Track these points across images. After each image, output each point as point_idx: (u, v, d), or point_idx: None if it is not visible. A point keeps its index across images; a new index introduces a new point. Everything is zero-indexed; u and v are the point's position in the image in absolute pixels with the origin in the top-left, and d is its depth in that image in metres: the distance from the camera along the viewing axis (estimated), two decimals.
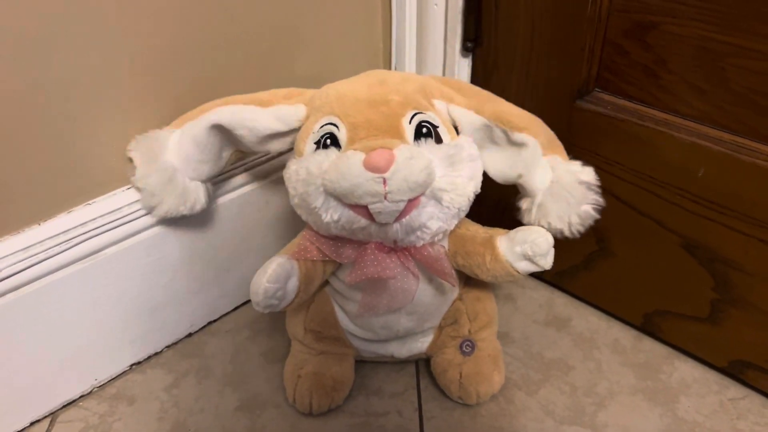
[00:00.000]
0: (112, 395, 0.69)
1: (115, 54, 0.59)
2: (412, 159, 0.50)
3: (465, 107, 0.58)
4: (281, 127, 0.59)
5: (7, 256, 0.59)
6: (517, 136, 0.57)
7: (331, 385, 0.65)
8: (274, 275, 0.55)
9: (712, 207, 0.62)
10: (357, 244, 0.57)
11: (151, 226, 0.66)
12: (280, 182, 0.75)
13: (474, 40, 0.74)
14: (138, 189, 0.63)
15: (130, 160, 0.63)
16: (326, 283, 0.65)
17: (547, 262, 0.58)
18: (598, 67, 0.66)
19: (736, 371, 0.68)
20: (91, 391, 0.69)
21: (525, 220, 0.60)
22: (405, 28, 0.79)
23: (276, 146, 0.62)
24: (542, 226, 0.58)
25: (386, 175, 0.49)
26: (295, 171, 0.55)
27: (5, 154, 0.56)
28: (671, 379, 0.70)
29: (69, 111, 0.58)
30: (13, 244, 0.59)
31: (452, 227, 0.58)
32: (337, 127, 0.55)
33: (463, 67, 0.77)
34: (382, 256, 0.56)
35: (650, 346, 0.74)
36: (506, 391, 0.68)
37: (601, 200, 0.58)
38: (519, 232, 0.58)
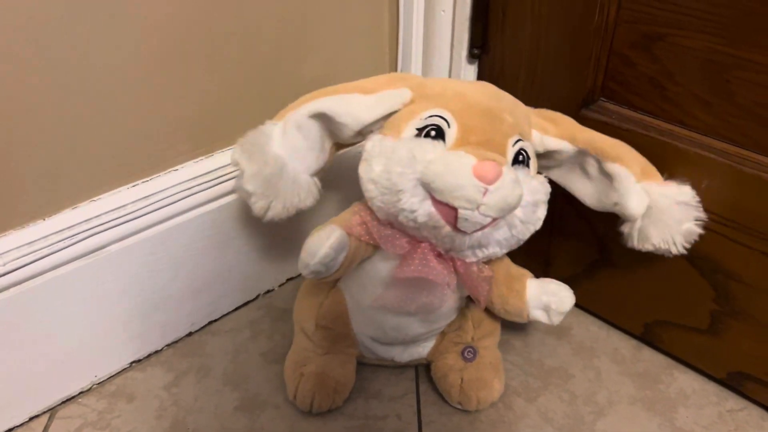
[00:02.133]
0: (112, 392, 0.69)
1: (123, 52, 0.59)
2: (515, 182, 0.51)
3: (558, 137, 0.60)
4: (384, 111, 0.58)
5: (10, 250, 0.59)
6: (610, 167, 0.59)
7: (333, 386, 0.65)
8: (337, 242, 0.55)
9: (715, 219, 0.62)
10: (410, 239, 0.57)
11: (156, 223, 0.67)
12: None
13: (481, 47, 0.74)
14: (247, 192, 0.58)
15: (236, 163, 0.59)
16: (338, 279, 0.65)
17: (559, 320, 0.62)
18: (603, 77, 0.67)
19: (735, 383, 0.69)
20: (90, 388, 0.69)
21: (628, 244, 0.62)
22: (411, 34, 0.79)
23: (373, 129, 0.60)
24: (646, 248, 0.61)
25: (490, 188, 0.49)
26: (391, 148, 0.54)
27: (10, 149, 0.56)
28: (670, 389, 0.70)
29: (75, 107, 0.59)
30: (17, 239, 0.59)
31: (501, 255, 0.59)
32: (447, 122, 0.55)
33: (469, 74, 0.77)
34: (432, 260, 0.56)
35: (650, 356, 0.74)
36: (506, 397, 0.68)
37: (703, 215, 0.60)
38: (551, 284, 0.62)
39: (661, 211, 0.59)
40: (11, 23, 0.52)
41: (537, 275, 0.65)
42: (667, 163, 0.63)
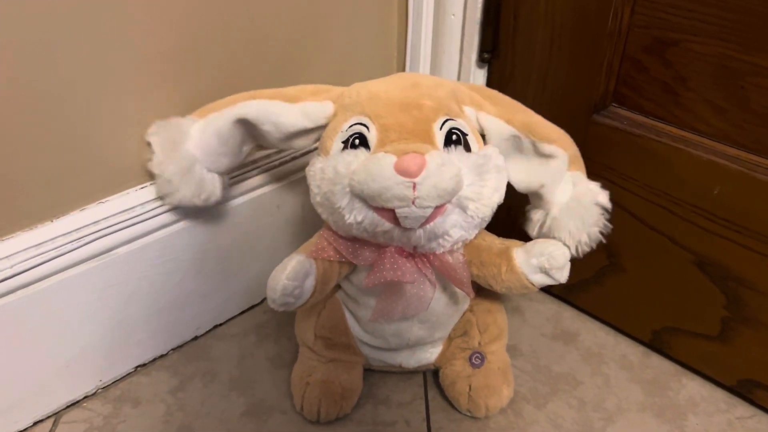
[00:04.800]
0: (117, 397, 0.68)
1: (133, 53, 0.59)
2: (443, 166, 0.49)
3: (495, 116, 0.58)
4: (307, 124, 0.58)
5: (18, 252, 0.58)
6: (547, 148, 0.56)
7: (340, 393, 0.65)
8: (293, 272, 0.55)
9: (727, 225, 0.62)
10: (375, 247, 0.57)
11: (164, 226, 0.66)
12: (293, 186, 0.75)
13: (491, 51, 0.74)
14: (154, 174, 0.62)
15: (149, 144, 0.62)
16: (338, 288, 0.65)
17: (563, 275, 0.58)
18: (615, 82, 0.66)
19: (744, 390, 0.68)
20: (95, 392, 0.69)
21: (531, 231, 0.60)
22: (420, 37, 0.78)
23: (300, 143, 0.61)
24: (553, 238, 0.59)
25: (416, 180, 0.48)
26: (320, 169, 0.54)
27: (19, 149, 0.56)
28: (679, 396, 0.69)
29: (84, 108, 0.58)
30: (25, 241, 0.59)
31: (473, 237, 0.58)
32: (367, 127, 0.54)
33: (479, 78, 0.77)
34: (401, 260, 0.56)
35: (658, 362, 0.74)
36: (514, 404, 0.68)
37: (609, 225, 0.59)
38: (536, 245, 0.58)
39: (582, 205, 0.57)
40: (17, 23, 0.51)
41: None
42: (679, 169, 0.63)
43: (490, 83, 0.76)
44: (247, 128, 0.61)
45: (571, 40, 0.66)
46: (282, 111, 0.59)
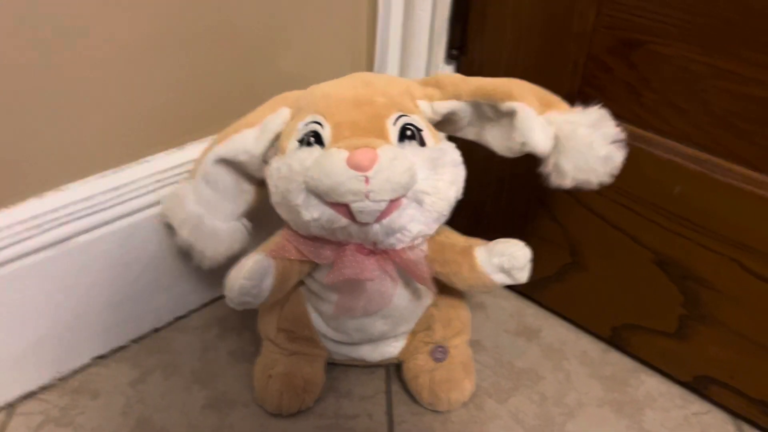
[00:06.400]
0: (75, 388, 0.67)
1: (96, 40, 0.58)
2: (395, 159, 0.50)
3: (445, 99, 0.58)
4: (271, 136, 0.58)
5: None
6: (504, 106, 0.56)
7: (302, 386, 0.65)
8: (250, 272, 0.55)
9: (686, 225, 0.63)
10: (336, 245, 0.57)
11: (125, 215, 0.65)
12: None
13: (459, 48, 0.74)
14: (181, 244, 0.65)
15: (170, 226, 0.66)
16: (301, 283, 0.65)
17: (523, 275, 0.59)
18: (580, 83, 0.67)
19: (700, 386, 0.70)
20: (52, 384, 0.67)
21: (552, 184, 0.57)
22: (389, 32, 0.78)
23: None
24: (567, 186, 0.56)
25: (369, 174, 0.48)
26: (276, 168, 0.55)
27: None
28: (638, 392, 0.71)
29: (43, 93, 0.57)
30: None
31: (432, 232, 0.58)
32: (321, 125, 0.54)
33: None
34: (361, 257, 0.56)
35: (617, 359, 0.75)
36: (476, 398, 0.68)
37: (620, 133, 0.55)
38: (498, 244, 0.58)
39: (569, 138, 0.54)
40: None
41: None
42: (641, 168, 0.64)
43: None
44: (233, 167, 0.62)
45: (538, 39, 0.67)
46: (246, 137, 0.59)
